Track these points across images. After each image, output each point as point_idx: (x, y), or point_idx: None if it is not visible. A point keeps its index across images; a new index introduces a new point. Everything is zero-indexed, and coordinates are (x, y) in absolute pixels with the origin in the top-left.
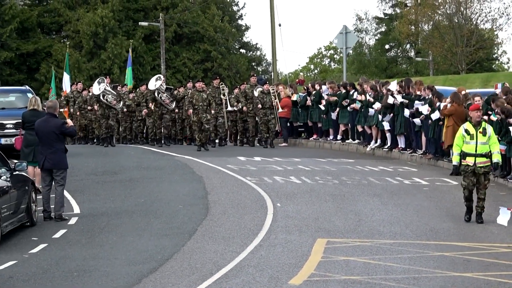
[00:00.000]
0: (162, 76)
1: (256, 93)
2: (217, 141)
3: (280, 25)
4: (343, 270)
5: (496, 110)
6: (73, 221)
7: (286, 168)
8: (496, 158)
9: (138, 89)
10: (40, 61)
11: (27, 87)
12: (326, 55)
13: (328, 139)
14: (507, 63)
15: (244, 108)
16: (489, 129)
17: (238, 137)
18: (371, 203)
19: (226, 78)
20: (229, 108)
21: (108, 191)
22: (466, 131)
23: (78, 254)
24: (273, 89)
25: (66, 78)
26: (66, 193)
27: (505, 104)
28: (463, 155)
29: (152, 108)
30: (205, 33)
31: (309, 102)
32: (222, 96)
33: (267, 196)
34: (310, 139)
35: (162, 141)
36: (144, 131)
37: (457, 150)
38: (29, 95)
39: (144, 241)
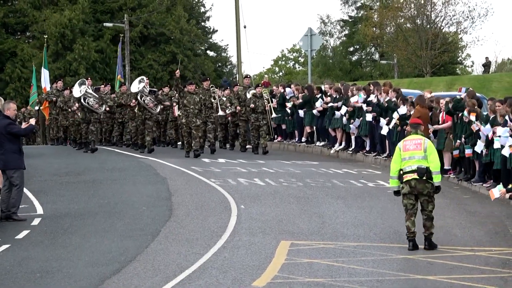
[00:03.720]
0: (145, 78)
1: (248, 96)
2: (206, 146)
3: (245, 27)
4: (306, 272)
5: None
6: (36, 222)
7: (250, 170)
8: (437, 180)
9: (119, 89)
10: (5, 61)
11: None
12: (291, 58)
13: (293, 141)
14: (471, 66)
15: (238, 107)
16: (428, 145)
17: (229, 141)
18: (335, 205)
19: (192, 80)
20: (220, 113)
21: (72, 192)
22: (404, 147)
23: (41, 255)
24: (266, 93)
25: (46, 74)
26: (29, 193)
27: (475, 107)
28: (402, 174)
29: (135, 111)
30: (171, 35)
31: (274, 104)
32: (212, 100)
33: (231, 198)
34: (275, 141)
35: (146, 148)
36: (124, 134)
37: (393, 173)
38: None
39: (107, 243)
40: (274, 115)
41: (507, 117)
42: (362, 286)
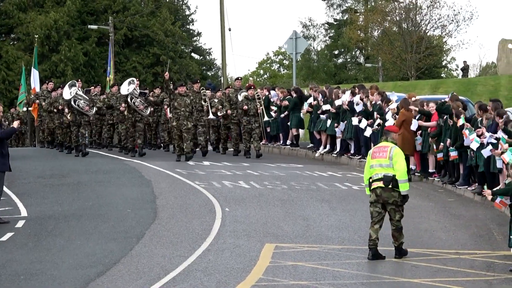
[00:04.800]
0: (135, 80)
1: (240, 98)
2: (197, 149)
3: (230, 29)
4: (291, 275)
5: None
6: (20, 224)
7: (235, 172)
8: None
9: (110, 91)
10: None
11: None
12: (275, 61)
13: (277, 144)
14: (456, 70)
15: (229, 111)
16: (396, 153)
17: (221, 145)
18: (319, 208)
19: (177, 82)
20: (211, 116)
21: (56, 195)
22: (373, 154)
23: (25, 258)
24: (258, 95)
25: (35, 74)
26: (13, 196)
27: (460, 109)
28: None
29: (126, 113)
30: (155, 37)
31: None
32: (203, 102)
33: (215, 200)
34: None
35: (136, 151)
36: (113, 137)
37: (366, 181)
38: None
39: (91, 245)
40: (266, 118)
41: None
42: None
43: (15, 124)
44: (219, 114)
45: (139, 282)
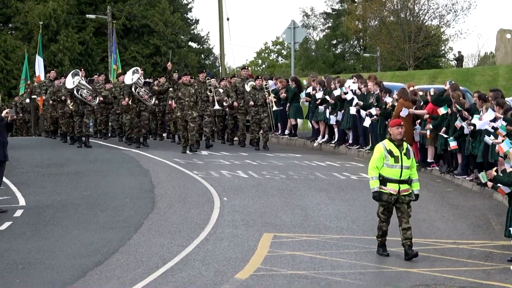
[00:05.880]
0: (139, 69)
1: (247, 88)
2: (203, 140)
3: (228, 19)
4: (289, 265)
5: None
6: (18, 213)
7: (233, 162)
8: (417, 188)
9: (117, 80)
10: None
11: None
12: (274, 50)
13: (276, 133)
14: (453, 60)
15: (235, 103)
16: (411, 151)
17: (228, 135)
18: (318, 198)
19: (176, 73)
20: (217, 107)
21: (54, 184)
22: (390, 152)
23: (23, 247)
24: (266, 85)
25: (40, 61)
26: (11, 185)
27: (460, 98)
28: (382, 181)
29: (129, 103)
30: (155, 27)
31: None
32: (208, 93)
33: (213, 190)
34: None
35: (141, 141)
36: (122, 126)
37: (376, 173)
38: None
39: (89, 234)
40: (275, 108)
41: (490, 110)
42: (344, 279)
43: (4, 113)
44: (224, 104)
45: (137, 271)
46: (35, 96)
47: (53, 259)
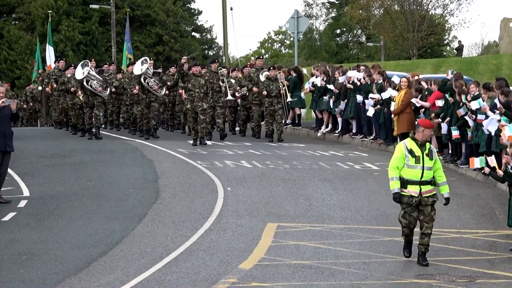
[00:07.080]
0: (148, 59)
1: (262, 78)
2: (216, 131)
3: (231, 8)
4: (293, 255)
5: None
6: (22, 204)
7: (237, 152)
8: (446, 191)
9: (126, 70)
10: None
11: None
12: (277, 40)
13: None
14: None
15: (255, 88)
16: (435, 152)
17: (240, 127)
18: (321, 188)
19: (178, 62)
20: (229, 97)
21: (58, 174)
22: (411, 151)
23: (27, 237)
24: (280, 75)
25: (50, 51)
26: (15, 175)
27: (464, 87)
28: (402, 184)
29: (140, 93)
30: (157, 17)
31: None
32: (221, 83)
33: (217, 180)
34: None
35: (150, 133)
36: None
37: (396, 174)
38: None
39: (93, 225)
40: (289, 98)
41: (496, 100)
42: (348, 268)
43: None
44: (237, 95)
45: (142, 261)
46: (44, 86)
47: (57, 250)
